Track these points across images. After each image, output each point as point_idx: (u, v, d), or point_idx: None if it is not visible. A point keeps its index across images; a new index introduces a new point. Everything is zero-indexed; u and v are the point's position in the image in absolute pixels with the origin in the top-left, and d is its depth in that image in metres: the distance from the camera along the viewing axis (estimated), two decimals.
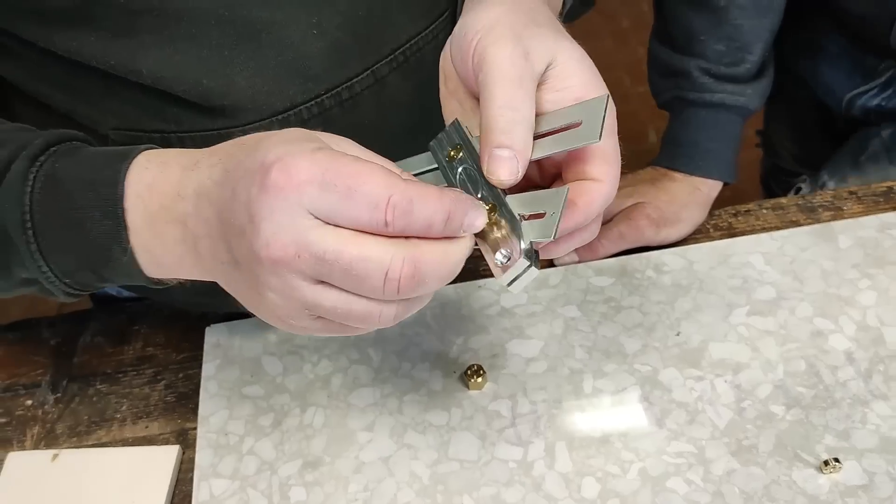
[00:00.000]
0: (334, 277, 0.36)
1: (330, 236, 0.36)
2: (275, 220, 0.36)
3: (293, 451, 0.60)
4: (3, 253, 0.46)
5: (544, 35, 0.43)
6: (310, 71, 0.53)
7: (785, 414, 0.59)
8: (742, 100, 0.72)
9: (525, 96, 0.41)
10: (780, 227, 0.73)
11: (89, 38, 0.48)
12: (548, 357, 0.64)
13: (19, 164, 0.44)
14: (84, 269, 0.45)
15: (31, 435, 0.64)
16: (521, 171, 0.41)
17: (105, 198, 0.42)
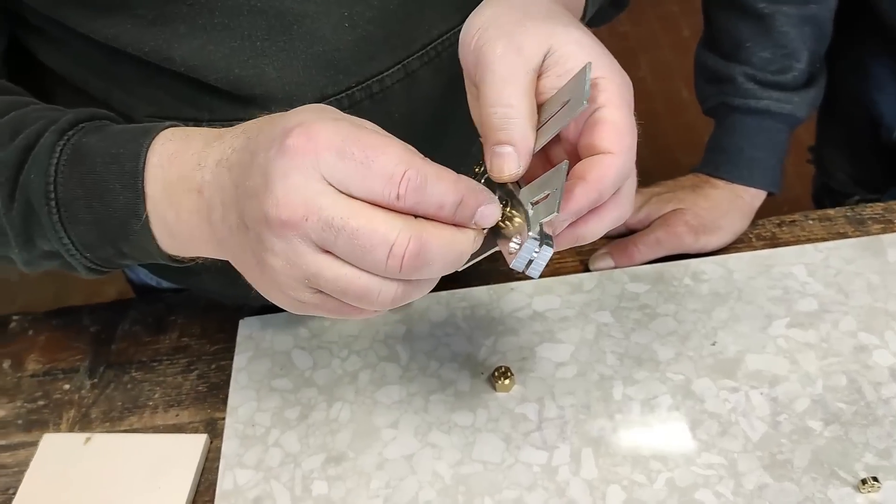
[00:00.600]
0: (339, 246, 0.36)
1: (341, 203, 0.36)
2: (288, 180, 0.36)
3: (317, 445, 0.60)
4: (27, 224, 0.47)
5: (536, 27, 0.43)
6: (340, 63, 0.53)
7: (823, 429, 0.57)
8: (788, 108, 0.70)
9: (517, 91, 0.41)
10: (826, 238, 0.71)
11: (126, 25, 0.49)
12: (578, 362, 0.63)
13: (48, 136, 0.46)
14: (104, 242, 0.46)
15: (67, 418, 0.66)
16: (524, 164, 0.41)
17: (126, 171, 0.43)
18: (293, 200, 0.36)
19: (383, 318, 0.68)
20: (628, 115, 0.42)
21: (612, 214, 0.43)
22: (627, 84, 0.43)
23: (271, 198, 0.36)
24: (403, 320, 0.68)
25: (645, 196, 0.73)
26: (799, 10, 0.69)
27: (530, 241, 0.39)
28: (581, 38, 0.43)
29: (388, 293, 0.38)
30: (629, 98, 0.42)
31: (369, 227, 0.36)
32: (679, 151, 2.20)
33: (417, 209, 0.37)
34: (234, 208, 0.40)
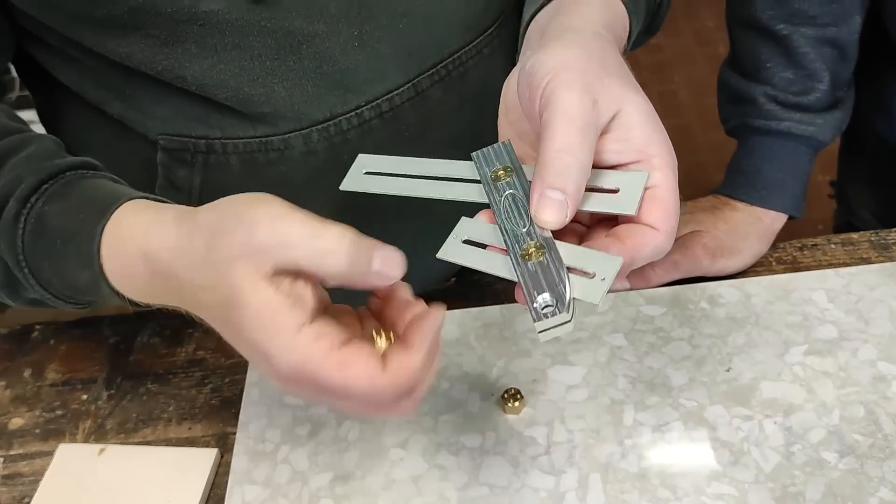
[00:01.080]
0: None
1: (337, 403, 0.39)
2: (287, 388, 0.39)
3: (326, 463, 0.60)
4: (9, 280, 0.49)
5: (614, 84, 0.42)
6: (350, 83, 0.53)
7: (838, 462, 0.56)
8: (811, 129, 0.69)
9: (586, 143, 0.41)
10: (849, 263, 0.70)
11: (139, 44, 0.50)
12: (589, 385, 0.63)
13: (12, 205, 0.47)
14: (80, 295, 0.48)
15: (83, 428, 0.67)
16: (570, 216, 0.41)
17: (83, 252, 0.44)
18: (294, 393, 0.41)
19: None
20: (677, 200, 0.42)
21: (626, 282, 0.43)
22: (675, 167, 0.43)
23: (274, 383, 0.39)
24: None
25: None
26: (817, 31, 0.68)
27: (564, 315, 0.39)
28: (648, 110, 0.43)
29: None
30: (676, 188, 0.42)
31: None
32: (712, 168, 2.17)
33: None
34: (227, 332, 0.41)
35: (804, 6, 0.68)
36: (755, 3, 0.70)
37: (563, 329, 0.40)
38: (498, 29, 0.60)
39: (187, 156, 0.56)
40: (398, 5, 0.53)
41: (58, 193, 0.47)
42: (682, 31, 2.56)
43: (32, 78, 0.58)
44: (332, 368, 0.37)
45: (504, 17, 0.61)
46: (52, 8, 0.50)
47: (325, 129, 0.55)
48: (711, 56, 2.42)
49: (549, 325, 0.40)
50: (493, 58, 0.60)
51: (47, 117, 0.64)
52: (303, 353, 0.37)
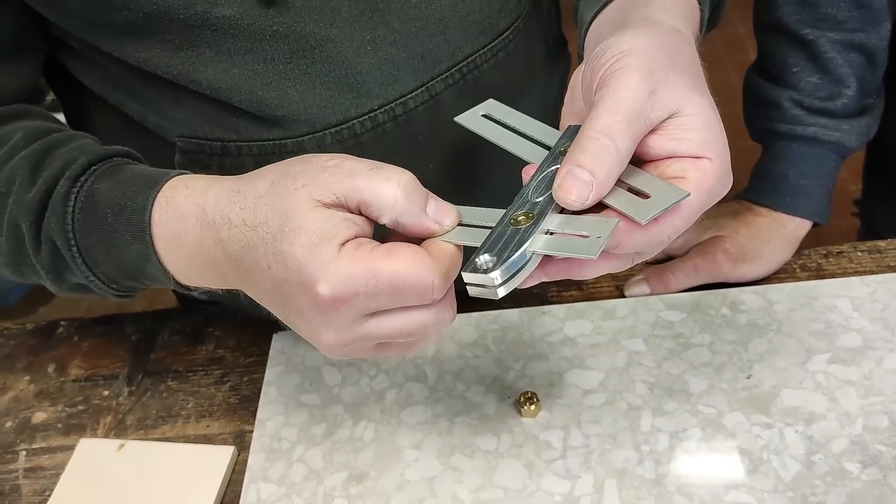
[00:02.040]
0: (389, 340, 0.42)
1: (385, 324, 0.40)
2: (334, 329, 0.40)
3: (340, 463, 0.60)
4: (55, 263, 0.50)
5: (678, 82, 0.41)
6: (363, 86, 0.54)
7: (860, 472, 0.54)
8: (837, 135, 0.68)
9: (630, 131, 0.39)
10: (875, 271, 0.68)
11: (155, 49, 0.51)
12: (606, 390, 0.62)
13: (63, 184, 0.48)
14: (125, 277, 0.49)
15: (104, 424, 0.68)
16: (592, 200, 0.39)
17: (134, 223, 0.46)
18: (343, 339, 0.41)
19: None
20: (702, 204, 0.40)
21: (612, 264, 0.42)
22: (724, 181, 0.41)
23: (323, 340, 0.41)
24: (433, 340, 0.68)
25: None
26: (845, 36, 0.67)
27: (493, 277, 0.39)
28: (712, 115, 0.41)
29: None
30: (717, 192, 0.41)
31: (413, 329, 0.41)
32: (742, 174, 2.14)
33: None
34: (276, 304, 0.43)
35: (832, 10, 0.67)
36: (782, 7, 0.69)
37: (485, 293, 0.40)
38: (514, 32, 0.60)
39: (203, 157, 0.57)
40: (411, 9, 0.53)
41: (107, 173, 0.49)
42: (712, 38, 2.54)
43: (59, 82, 0.60)
44: (379, 258, 0.38)
45: (520, 21, 0.60)
46: (71, 15, 0.51)
47: (339, 132, 0.55)
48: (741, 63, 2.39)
49: (473, 281, 0.40)
50: (509, 62, 0.60)
51: (73, 120, 0.65)
52: (349, 260, 0.38)
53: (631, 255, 0.42)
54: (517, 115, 0.48)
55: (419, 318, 0.40)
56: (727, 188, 0.42)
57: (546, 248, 0.40)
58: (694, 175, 0.40)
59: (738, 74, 2.68)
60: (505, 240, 0.40)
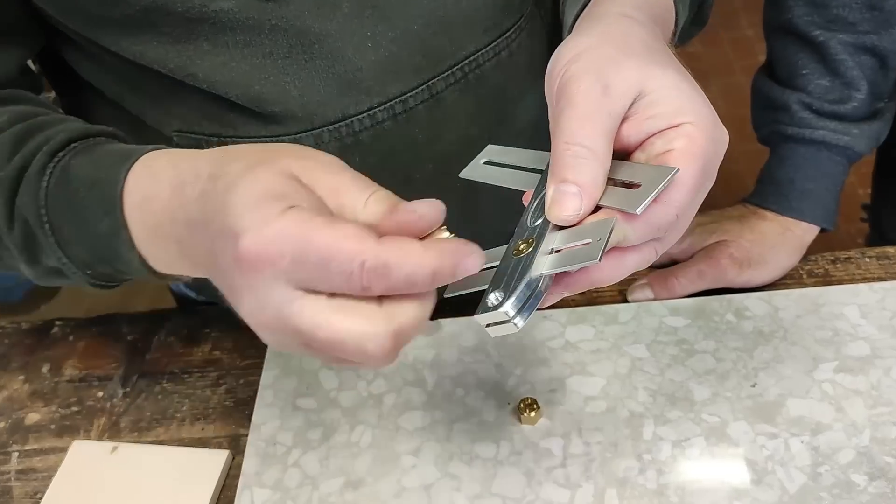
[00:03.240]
0: (316, 348, 0.35)
1: (307, 310, 0.34)
2: (253, 295, 0.35)
3: (336, 468, 0.59)
4: (28, 243, 0.48)
5: (632, 66, 0.40)
6: (362, 83, 0.53)
7: (867, 485, 0.53)
8: (846, 139, 0.67)
9: (595, 131, 0.39)
10: (883, 278, 0.67)
11: (152, 42, 0.50)
12: (608, 397, 0.61)
13: (40, 158, 0.46)
14: (98, 261, 0.47)
15: (98, 425, 0.67)
16: (587, 209, 0.39)
17: (106, 197, 0.43)
18: (263, 313, 0.35)
19: (413, 341, 0.67)
20: (700, 168, 0.39)
21: (634, 259, 0.40)
22: (715, 138, 0.40)
23: (244, 308, 0.36)
24: (432, 344, 0.67)
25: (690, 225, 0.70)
26: (856, 38, 0.66)
27: (504, 312, 0.37)
28: (679, 81, 0.40)
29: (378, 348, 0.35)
30: (711, 151, 0.39)
31: (338, 334, 0.34)
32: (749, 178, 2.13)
33: (390, 292, 0.34)
34: (215, 277, 0.38)
35: (843, 12, 0.66)
36: (793, 9, 0.68)
37: (505, 329, 0.38)
38: (517, 32, 0.59)
39: None
40: (413, 6, 0.52)
41: (87, 150, 0.47)
42: (720, 41, 2.53)
43: (57, 74, 0.59)
44: (319, 226, 0.33)
45: (524, 20, 0.59)
46: (69, 10, 0.50)
47: (337, 129, 0.54)
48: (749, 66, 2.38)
49: (488, 321, 0.38)
50: (511, 61, 0.59)
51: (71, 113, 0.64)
52: (287, 223, 0.33)
53: (650, 246, 0.40)
54: (516, 152, 0.47)
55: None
56: (724, 142, 0.41)
57: (552, 266, 0.39)
58: (679, 143, 0.39)
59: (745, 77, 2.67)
60: (509, 272, 0.39)
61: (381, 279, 0.33)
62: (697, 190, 0.39)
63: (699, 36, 0.69)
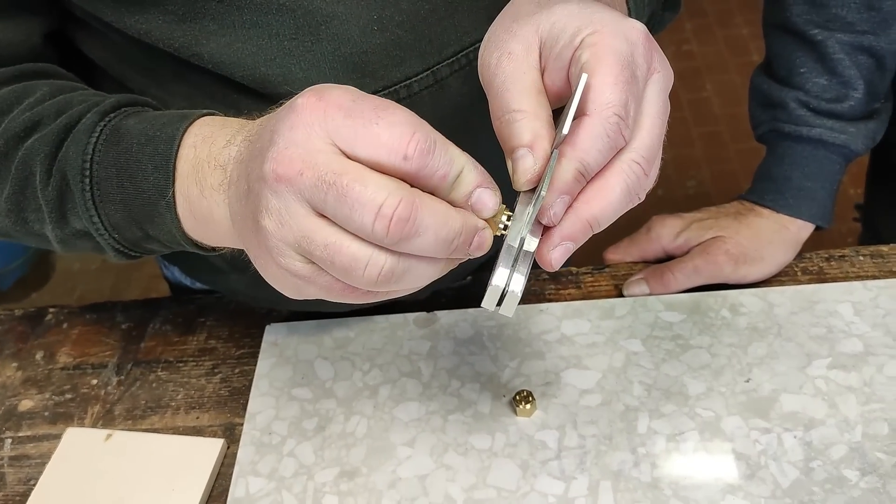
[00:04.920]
0: (329, 205, 0.35)
1: (336, 161, 0.35)
2: (290, 135, 0.36)
3: (332, 458, 0.59)
4: (62, 200, 0.48)
5: (521, 26, 0.42)
6: (368, 66, 0.53)
7: (859, 480, 0.54)
8: (843, 138, 0.67)
9: (517, 93, 0.40)
10: (877, 276, 0.68)
11: (157, 20, 0.50)
12: (603, 390, 0.61)
13: (90, 117, 0.47)
14: (130, 223, 0.47)
15: (92, 413, 0.67)
16: (540, 161, 0.39)
17: (160, 152, 0.45)
18: (290, 154, 0.36)
19: (409, 333, 0.67)
20: (613, 67, 0.38)
21: (617, 183, 0.39)
22: (620, 30, 0.39)
23: (272, 151, 0.36)
24: (428, 336, 0.67)
25: (685, 221, 0.71)
26: (854, 38, 0.66)
27: (500, 267, 0.38)
28: (566, 8, 0.41)
29: (376, 266, 0.36)
30: (621, 45, 0.39)
31: (360, 184, 0.35)
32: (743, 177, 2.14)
33: (420, 175, 0.36)
34: (244, 174, 0.39)
35: (842, 12, 0.66)
36: (791, 7, 0.68)
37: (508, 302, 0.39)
38: None
39: None
40: None
41: (136, 114, 0.48)
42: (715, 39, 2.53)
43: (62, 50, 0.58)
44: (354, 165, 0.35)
45: None
46: None
47: None
48: (743, 64, 2.39)
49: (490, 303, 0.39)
50: None
51: None
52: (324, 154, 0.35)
53: (628, 165, 0.39)
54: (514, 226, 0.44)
55: (352, 248, 0.36)
56: (635, 29, 0.40)
57: (526, 224, 0.39)
58: (585, 54, 0.39)
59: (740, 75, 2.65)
60: (497, 253, 0.39)
61: (422, 155, 0.35)
62: (627, 82, 0.38)
63: (694, 34, 0.69)
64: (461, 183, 0.37)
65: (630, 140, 0.39)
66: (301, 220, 0.36)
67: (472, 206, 0.38)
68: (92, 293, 1.96)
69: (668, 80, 0.42)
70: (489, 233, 0.39)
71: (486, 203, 0.38)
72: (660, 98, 0.41)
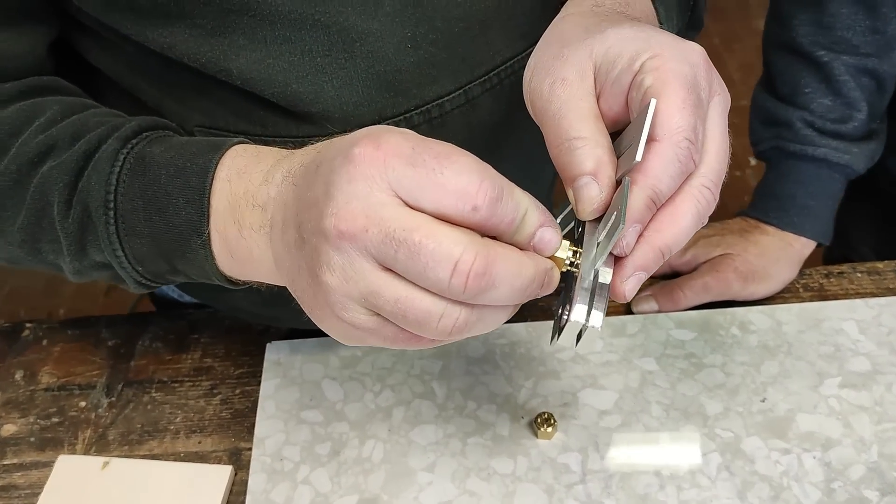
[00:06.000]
0: (400, 262, 0.33)
1: (404, 216, 0.33)
2: (351, 188, 0.34)
3: (349, 485, 0.57)
4: (82, 233, 0.45)
5: (573, 52, 0.41)
6: (401, 85, 0.51)
7: (879, 501, 0.55)
8: (847, 158, 0.68)
9: (574, 121, 0.39)
10: (875, 293, 0.69)
11: (183, 34, 0.47)
12: (622, 411, 0.61)
13: (112, 143, 0.44)
14: (158, 258, 0.44)
15: (83, 438, 0.63)
16: (606, 191, 0.38)
17: (192, 186, 0.42)
18: (354, 210, 0.33)
19: (419, 352, 0.66)
20: (679, 91, 0.37)
21: (688, 209, 0.38)
22: (681, 54, 0.39)
23: (331, 206, 0.34)
24: (439, 355, 0.65)
25: (692, 238, 0.71)
26: (858, 60, 0.67)
27: (577, 303, 0.37)
28: (620, 32, 0.40)
29: (450, 319, 0.35)
30: (683, 68, 0.38)
31: (433, 240, 0.33)
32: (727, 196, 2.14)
33: (488, 224, 0.34)
34: (293, 223, 0.37)
35: (847, 34, 0.67)
36: (797, 28, 0.69)
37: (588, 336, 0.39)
38: None
39: None
40: (455, 7, 0.51)
41: (160, 140, 0.45)
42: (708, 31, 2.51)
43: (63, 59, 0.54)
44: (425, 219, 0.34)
45: None
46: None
47: None
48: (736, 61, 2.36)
49: (567, 341, 0.39)
50: None
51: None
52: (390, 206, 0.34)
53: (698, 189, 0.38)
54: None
55: (425, 303, 0.34)
56: (695, 51, 0.39)
57: (598, 257, 0.37)
58: (648, 79, 0.38)
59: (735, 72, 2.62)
60: (567, 288, 0.38)
61: (492, 203, 0.34)
62: (695, 106, 0.38)
63: None
64: (525, 225, 0.36)
65: (698, 164, 0.39)
66: (367, 275, 0.34)
67: (535, 246, 0.37)
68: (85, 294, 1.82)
69: (727, 102, 0.41)
70: (556, 271, 0.38)
71: (550, 242, 0.37)
72: (722, 120, 0.40)
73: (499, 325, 0.38)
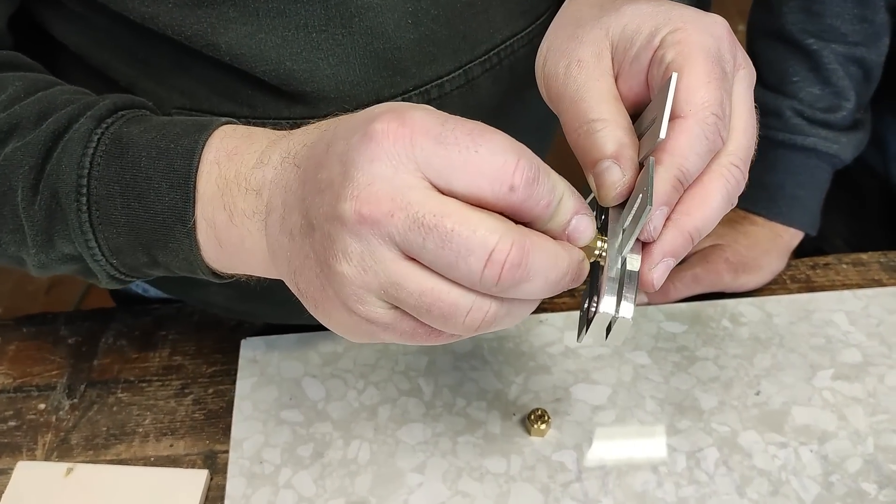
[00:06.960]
0: (427, 251, 0.30)
1: (433, 200, 0.30)
2: (373, 168, 0.30)
3: (335, 489, 0.54)
4: (49, 221, 0.41)
5: (588, 32, 0.39)
6: (400, 64, 0.48)
7: (878, 494, 0.54)
8: (835, 148, 0.68)
9: (592, 103, 0.37)
10: (861, 284, 0.69)
11: (167, 4, 0.43)
12: (616, 406, 0.59)
13: (84, 122, 0.40)
14: (136, 248, 0.40)
15: (43, 443, 0.58)
16: (629, 174, 0.36)
17: (176, 169, 0.38)
18: (378, 192, 0.30)
19: (403, 348, 0.63)
20: (703, 64, 0.36)
21: (717, 189, 0.36)
22: (703, 27, 0.37)
23: (350, 188, 0.30)
24: (424, 350, 0.62)
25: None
26: (847, 49, 0.66)
27: (606, 294, 0.34)
28: (637, 7, 0.38)
29: (480, 312, 0.32)
30: (706, 41, 0.36)
31: (467, 228, 0.30)
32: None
33: (524, 206, 0.31)
34: (297, 208, 0.34)
35: (836, 22, 0.66)
36: (786, 16, 0.68)
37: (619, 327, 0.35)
38: (549, 17, 0.55)
39: None
40: None
41: (137, 120, 0.41)
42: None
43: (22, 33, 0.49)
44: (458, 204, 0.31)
45: (556, 6, 0.56)
46: None
47: None
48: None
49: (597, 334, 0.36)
50: None
51: None
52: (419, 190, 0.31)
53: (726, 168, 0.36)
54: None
55: (452, 296, 0.31)
56: (717, 23, 0.38)
57: (624, 244, 0.35)
58: (670, 54, 0.36)
59: None
60: (594, 280, 0.36)
61: (528, 184, 0.31)
62: (720, 80, 0.36)
63: None
64: (560, 211, 0.33)
65: (725, 142, 0.37)
66: (389, 265, 0.31)
67: (570, 235, 0.34)
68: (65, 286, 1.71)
69: (753, 76, 0.40)
70: (587, 263, 0.35)
71: (585, 231, 0.34)
72: (748, 95, 0.39)
73: (522, 320, 0.35)
